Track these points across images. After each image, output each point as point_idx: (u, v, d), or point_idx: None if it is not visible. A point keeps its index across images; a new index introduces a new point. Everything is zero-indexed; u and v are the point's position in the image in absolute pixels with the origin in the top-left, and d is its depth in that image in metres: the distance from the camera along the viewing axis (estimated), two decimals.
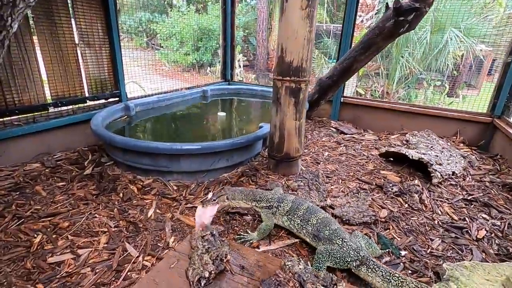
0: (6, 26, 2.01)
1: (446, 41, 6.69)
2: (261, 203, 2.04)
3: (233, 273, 1.30)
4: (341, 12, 10.81)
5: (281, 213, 1.98)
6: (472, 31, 6.69)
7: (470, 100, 4.15)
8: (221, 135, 3.71)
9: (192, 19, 10.41)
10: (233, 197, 2.07)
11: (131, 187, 2.54)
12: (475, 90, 7.43)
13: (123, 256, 1.81)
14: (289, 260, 1.36)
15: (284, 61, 2.42)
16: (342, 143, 3.74)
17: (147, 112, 3.91)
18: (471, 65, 7.48)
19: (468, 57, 6.92)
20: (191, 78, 6.37)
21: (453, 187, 2.72)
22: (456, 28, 6.65)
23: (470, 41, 6.50)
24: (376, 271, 1.56)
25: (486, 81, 7.36)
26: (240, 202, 2.09)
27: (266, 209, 2.03)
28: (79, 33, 3.16)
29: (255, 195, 2.08)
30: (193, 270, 1.23)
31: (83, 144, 3.31)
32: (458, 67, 7.54)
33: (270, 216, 2.00)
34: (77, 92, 3.27)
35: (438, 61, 7.03)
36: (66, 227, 2.05)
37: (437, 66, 7.16)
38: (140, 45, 11.48)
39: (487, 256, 1.88)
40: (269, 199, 2.04)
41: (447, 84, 7.40)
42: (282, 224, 2.01)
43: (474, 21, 6.82)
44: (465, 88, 7.76)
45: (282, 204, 1.98)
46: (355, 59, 3.67)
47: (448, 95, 7.45)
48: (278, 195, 2.06)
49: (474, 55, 6.86)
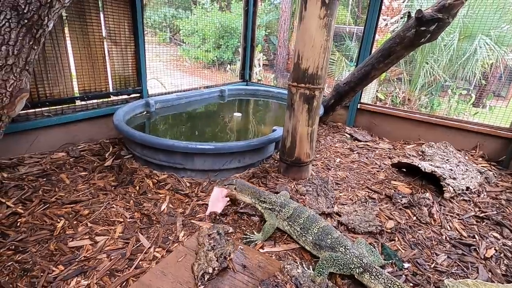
0: (43, 25, 2.18)
1: (475, 49, 6.44)
2: (265, 204, 2.13)
3: (235, 271, 1.39)
4: (365, 14, 10.63)
5: (282, 218, 2.05)
6: (504, 39, 6.41)
7: (499, 111, 3.97)
8: (235, 135, 3.80)
9: (215, 17, 10.55)
10: (240, 189, 2.20)
11: (147, 181, 2.68)
12: (504, 101, 7.11)
13: (136, 246, 1.94)
14: (288, 264, 1.42)
15: (300, 67, 2.47)
16: (355, 150, 3.73)
17: (166, 109, 4.06)
18: (501, 75, 7.17)
19: (498, 66, 6.65)
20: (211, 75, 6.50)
21: (466, 202, 2.68)
22: (486, 35, 6.39)
23: (501, 49, 6.24)
24: (378, 278, 1.60)
25: None
26: (246, 197, 2.21)
27: (269, 210, 2.11)
28: (107, 31, 3.34)
29: (261, 195, 2.17)
30: (198, 265, 1.32)
31: (105, 137, 3.50)
32: (486, 76, 7.25)
33: (272, 215, 2.08)
34: (102, 87, 3.46)
35: (465, 69, 6.79)
36: (86, 214, 2.20)
37: (463, 74, 6.91)
38: (163, 41, 11.77)
39: (494, 276, 1.87)
40: (272, 202, 2.11)
41: (473, 94, 7.13)
42: (283, 228, 2.08)
43: (506, 29, 6.53)
44: (493, 99, 7.44)
45: (284, 210, 2.05)
46: (373, 67, 3.65)
47: (474, 105, 7.18)
48: (282, 200, 2.12)
49: (504, 64, 6.58)
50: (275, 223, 2.06)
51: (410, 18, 3.12)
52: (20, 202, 2.25)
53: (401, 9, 8.54)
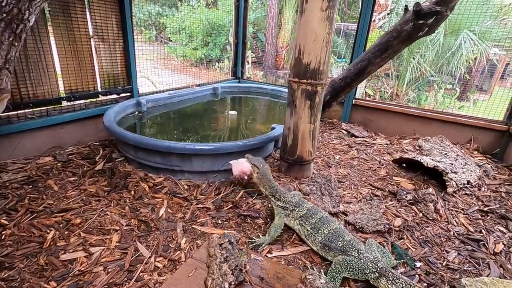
0: (24, 20, 2.00)
1: (460, 44, 6.56)
2: (278, 202, 2.08)
3: (252, 284, 1.28)
4: (352, 10, 10.65)
5: (294, 217, 2.00)
6: (486, 34, 6.55)
7: (482, 105, 4.06)
8: (232, 134, 3.68)
9: (202, 14, 10.34)
10: (261, 176, 2.17)
11: (142, 184, 2.53)
12: (486, 95, 7.29)
13: (135, 256, 1.80)
14: (310, 274, 1.33)
15: (301, 62, 2.38)
16: (354, 146, 3.69)
17: (159, 109, 3.90)
18: (483, 69, 7.34)
19: (481, 60, 6.79)
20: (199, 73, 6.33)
21: (468, 197, 2.67)
22: (470, 31, 6.51)
23: (484, 44, 6.37)
24: (396, 283, 1.53)
25: (498, 86, 7.22)
26: (262, 186, 2.18)
27: (281, 209, 2.06)
28: (94, 27, 3.14)
29: (277, 191, 2.12)
30: (213, 280, 1.21)
31: (94, 139, 3.31)
32: (470, 70, 7.40)
33: (282, 216, 2.03)
34: (90, 86, 3.26)
35: (450, 64, 6.91)
36: (78, 223, 2.04)
37: (449, 69, 7.03)
38: (149, 39, 11.47)
39: (505, 272, 1.84)
40: (287, 201, 2.06)
41: (458, 88, 7.27)
42: (293, 227, 2.03)
43: (489, 24, 6.67)
44: (477, 93, 7.62)
45: (298, 209, 2.00)
46: (370, 62, 3.59)
47: (458, 99, 7.32)
48: (297, 199, 2.07)
49: (487, 59, 6.73)
50: (282, 224, 2.00)
51: (407, 12, 3.08)
52: (4, 213, 2.07)
53: (388, 5, 8.60)
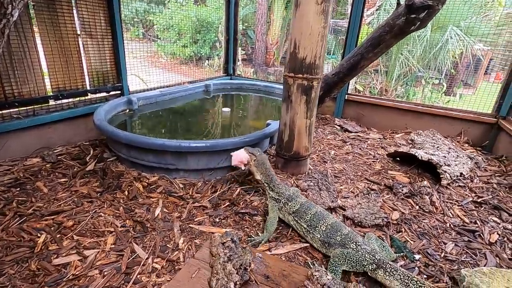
0: (7, 15, 1.90)
1: (446, 39, 6.67)
2: (272, 193, 2.09)
3: (258, 283, 1.25)
4: (341, 7, 10.69)
5: (287, 211, 1.99)
6: (471, 30, 6.68)
7: (468, 100, 4.15)
8: (226, 131, 3.64)
9: (191, 11, 10.20)
10: (257, 164, 2.19)
11: (136, 184, 2.46)
12: (471, 89, 7.47)
13: (131, 258, 1.75)
14: (316, 270, 1.31)
15: (296, 57, 2.35)
16: (348, 141, 3.70)
17: (150, 106, 3.81)
18: (468, 64, 7.50)
19: (467, 56, 6.93)
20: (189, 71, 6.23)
21: (462, 188, 2.71)
22: (456, 26, 6.62)
23: (469, 40, 6.50)
24: (394, 275, 1.53)
25: (483, 80, 7.40)
26: (259, 174, 2.20)
27: (274, 200, 2.06)
28: (81, 23, 3.03)
29: (272, 180, 2.13)
30: (217, 281, 1.17)
31: (84, 138, 3.21)
32: (456, 65, 7.55)
33: (275, 209, 2.03)
34: (78, 84, 3.15)
35: (437, 59, 7.03)
36: (71, 226, 1.97)
37: (436, 64, 7.15)
38: (137, 36, 11.23)
39: (501, 261, 1.87)
40: (280, 193, 2.06)
41: (444, 83, 7.41)
42: (288, 222, 2.03)
43: (474, 20, 6.81)
44: (462, 87, 7.79)
45: (290, 203, 1.99)
46: (362, 56, 3.59)
47: (445, 94, 7.47)
48: (290, 193, 2.06)
49: (472, 54, 6.87)
50: (276, 217, 2.00)
51: (400, 6, 3.09)
52: None
53: (376, 2, 8.67)
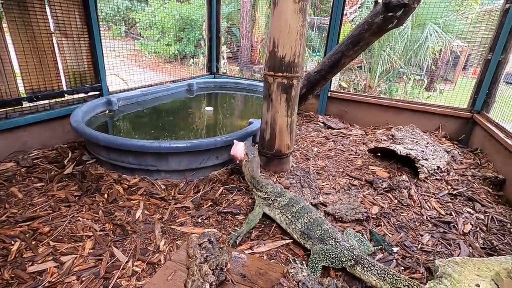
0: None
1: (426, 36, 6.85)
2: (260, 193, 2.12)
3: (234, 283, 1.25)
4: (324, 4, 10.80)
5: (276, 207, 2.03)
6: (449, 27, 6.89)
7: (447, 95, 4.30)
8: (209, 131, 3.61)
9: (174, 8, 10.04)
10: (247, 165, 2.24)
11: (116, 187, 2.42)
12: (451, 85, 7.72)
13: (111, 262, 1.72)
14: (292, 268, 1.32)
15: (276, 56, 2.36)
16: (331, 138, 3.75)
17: (131, 107, 3.74)
18: (448, 60, 7.74)
19: (446, 52, 7.15)
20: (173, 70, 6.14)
21: (439, 181, 2.80)
22: (435, 24, 6.81)
23: (447, 36, 6.70)
24: (371, 270, 1.57)
25: (461, 76, 7.66)
26: (246, 175, 2.26)
27: (262, 199, 2.10)
28: (55, 21, 2.93)
29: (259, 182, 2.17)
30: (193, 282, 1.16)
31: (61, 141, 3.12)
32: (436, 62, 7.78)
33: (261, 206, 2.07)
34: (54, 85, 3.05)
35: (418, 56, 7.21)
36: (47, 232, 1.92)
37: (416, 61, 7.34)
38: (119, 35, 10.97)
39: (474, 250, 1.95)
40: (268, 192, 2.10)
41: (425, 79, 7.63)
42: (274, 218, 2.05)
43: (451, 18, 7.02)
44: (442, 83, 8.04)
45: (280, 199, 2.04)
46: (343, 54, 3.64)
47: (426, 89, 7.69)
48: (279, 190, 2.11)
49: (451, 50, 7.09)
50: (261, 213, 2.05)
51: (377, 4, 3.15)
52: None
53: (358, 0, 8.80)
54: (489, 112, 3.66)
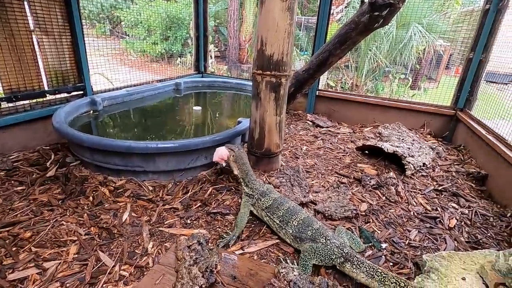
0: None
1: (410, 36, 6.99)
2: (246, 188, 2.11)
3: (224, 285, 1.23)
4: (312, 4, 10.87)
5: (260, 207, 2.01)
6: (433, 27, 7.06)
7: (431, 93, 4.40)
8: (197, 131, 3.57)
9: (160, 7, 9.87)
10: (235, 160, 2.20)
11: (102, 189, 2.35)
12: (435, 83, 7.93)
13: (96, 267, 1.67)
14: (283, 267, 1.32)
15: (264, 54, 2.35)
16: (319, 136, 3.77)
17: (116, 107, 3.65)
18: (431, 59, 7.95)
19: (429, 51, 7.33)
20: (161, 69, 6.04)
21: (425, 178, 2.86)
22: (419, 23, 6.96)
23: (431, 36, 6.87)
24: (360, 267, 1.58)
25: (444, 75, 7.87)
26: (236, 169, 2.20)
27: (247, 196, 2.08)
28: (35, 19, 2.82)
29: (247, 176, 2.14)
30: (182, 286, 1.14)
31: (44, 143, 3.01)
32: (420, 61, 7.96)
33: (247, 204, 2.05)
34: (35, 85, 2.94)
35: (403, 55, 7.36)
36: (29, 237, 1.84)
37: (401, 60, 7.49)
38: (103, 33, 10.71)
39: (459, 244, 2.00)
40: (254, 189, 2.08)
41: (410, 77, 7.80)
42: (261, 218, 2.04)
43: (434, 18, 7.20)
44: (426, 81, 8.25)
45: (263, 199, 2.01)
46: (330, 53, 3.66)
47: (411, 88, 7.86)
48: (264, 189, 2.08)
49: (434, 49, 7.27)
50: (247, 212, 2.02)
51: (364, 4, 3.18)
52: None
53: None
54: (471, 109, 3.77)
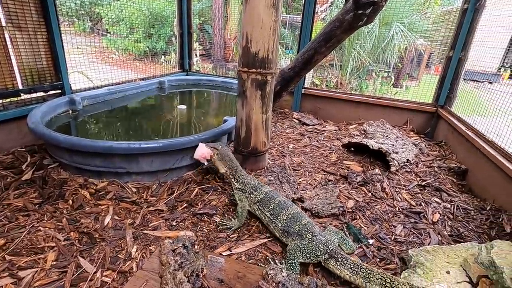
0: None
1: (392, 35, 7.14)
2: (237, 184, 2.11)
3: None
4: (296, 3, 10.91)
5: (252, 201, 2.02)
6: (413, 26, 7.24)
7: (413, 91, 4.51)
8: (183, 130, 3.49)
9: (142, 3, 9.63)
10: (221, 158, 2.19)
11: (82, 192, 2.25)
12: (416, 81, 8.16)
13: (77, 274, 1.59)
14: (271, 269, 1.29)
15: (249, 51, 2.31)
16: (306, 134, 3.78)
17: (98, 106, 3.52)
18: (412, 58, 8.16)
19: (411, 50, 7.51)
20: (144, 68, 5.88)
21: (408, 174, 2.91)
22: (401, 23, 7.12)
23: (412, 35, 7.04)
24: (344, 264, 1.57)
25: (425, 73, 8.10)
26: (223, 167, 2.20)
27: (240, 191, 2.09)
28: (6, 14, 2.67)
29: (237, 173, 2.15)
30: None
31: (18, 144, 2.86)
32: (402, 59, 8.15)
33: (242, 197, 2.06)
34: (8, 83, 2.79)
35: (385, 54, 7.51)
36: (2, 245, 1.74)
37: (384, 59, 7.64)
38: (83, 30, 10.35)
39: (443, 238, 2.04)
40: (245, 183, 2.09)
41: (392, 76, 7.97)
42: (253, 212, 2.04)
43: (415, 17, 7.39)
44: (408, 79, 8.47)
45: (255, 193, 2.02)
46: (316, 51, 3.68)
47: (393, 86, 8.05)
48: (255, 183, 2.09)
49: (415, 48, 7.46)
50: (246, 205, 2.03)
51: (348, 2, 3.20)
52: None
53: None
54: (451, 106, 3.88)
